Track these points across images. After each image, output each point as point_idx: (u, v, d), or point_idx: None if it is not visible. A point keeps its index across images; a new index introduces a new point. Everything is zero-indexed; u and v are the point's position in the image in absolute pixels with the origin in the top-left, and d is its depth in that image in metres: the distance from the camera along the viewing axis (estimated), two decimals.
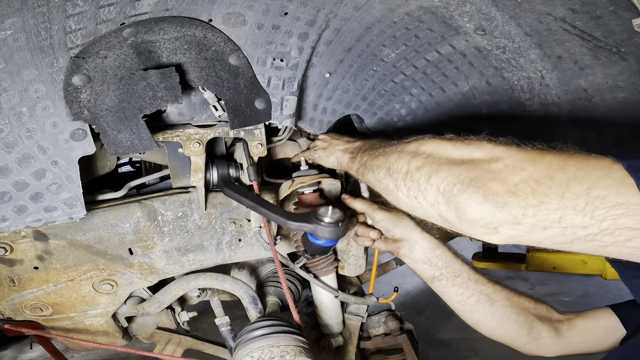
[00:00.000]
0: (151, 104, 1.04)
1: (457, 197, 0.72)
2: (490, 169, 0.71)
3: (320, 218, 1.12)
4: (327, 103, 1.39)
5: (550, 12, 1.05)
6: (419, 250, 1.24)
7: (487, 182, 0.69)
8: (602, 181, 0.62)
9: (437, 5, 1.13)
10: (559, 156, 0.68)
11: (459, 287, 1.20)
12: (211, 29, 1.08)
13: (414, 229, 1.26)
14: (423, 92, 1.46)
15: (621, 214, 0.60)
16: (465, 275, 1.20)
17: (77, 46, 0.96)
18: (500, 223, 0.68)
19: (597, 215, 0.61)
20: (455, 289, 1.20)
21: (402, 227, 1.26)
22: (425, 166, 0.80)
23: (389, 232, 1.30)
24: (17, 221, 1.05)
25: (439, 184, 0.76)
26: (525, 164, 0.69)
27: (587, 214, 0.62)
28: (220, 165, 1.32)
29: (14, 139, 0.98)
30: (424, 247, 1.23)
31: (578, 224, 0.63)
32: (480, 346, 3.04)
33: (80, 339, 1.32)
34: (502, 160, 0.71)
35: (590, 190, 0.62)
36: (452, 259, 1.22)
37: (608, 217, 0.61)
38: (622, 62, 1.10)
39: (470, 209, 0.70)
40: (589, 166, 0.65)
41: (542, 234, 0.67)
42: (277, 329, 1.19)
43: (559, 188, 0.64)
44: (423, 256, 1.23)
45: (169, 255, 1.30)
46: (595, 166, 0.64)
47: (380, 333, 1.65)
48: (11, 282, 1.19)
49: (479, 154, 0.75)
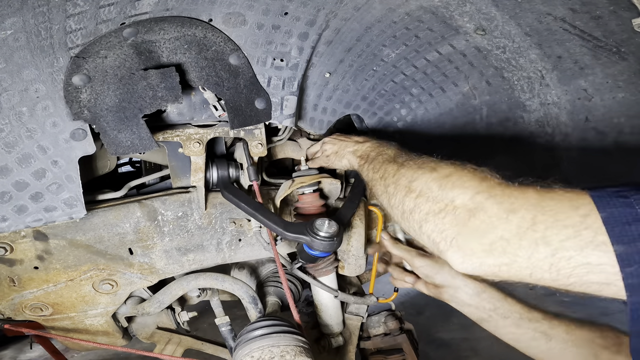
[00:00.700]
0: (151, 104, 1.04)
1: (444, 254, 0.82)
2: (469, 225, 0.78)
3: (316, 231, 1.13)
4: (327, 103, 1.39)
5: (550, 12, 1.05)
6: (463, 296, 1.24)
7: (466, 241, 0.78)
8: (570, 242, 0.66)
9: (437, 5, 1.13)
10: (532, 209, 0.73)
11: (510, 327, 1.18)
12: (211, 28, 1.08)
13: (456, 275, 1.25)
14: (423, 92, 1.46)
15: (586, 272, 0.65)
16: (517, 315, 1.18)
17: (77, 46, 0.96)
18: (482, 273, 0.79)
19: (563, 273, 0.67)
20: (507, 329, 1.19)
21: (444, 274, 1.26)
22: (415, 212, 0.89)
23: (429, 278, 1.30)
24: (17, 221, 1.05)
25: (429, 234, 0.85)
26: (499, 222, 0.75)
27: (553, 272, 0.68)
28: (220, 165, 1.32)
29: (14, 139, 0.98)
30: (468, 293, 1.23)
31: (547, 278, 0.71)
32: (480, 346, 3.04)
33: (80, 339, 1.32)
34: (480, 214, 0.77)
35: (556, 251, 0.68)
36: (500, 300, 1.21)
37: (574, 274, 0.66)
38: (622, 62, 1.10)
39: (455, 264, 0.81)
40: (559, 221, 0.68)
41: (518, 279, 0.76)
42: (277, 329, 1.19)
43: (528, 250, 0.71)
44: (469, 301, 1.23)
45: (169, 255, 1.30)
46: (567, 220, 0.68)
47: (380, 333, 1.65)
48: (11, 282, 1.19)
49: (461, 200, 0.81)
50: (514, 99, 1.35)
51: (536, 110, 1.34)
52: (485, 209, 0.76)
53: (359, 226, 1.46)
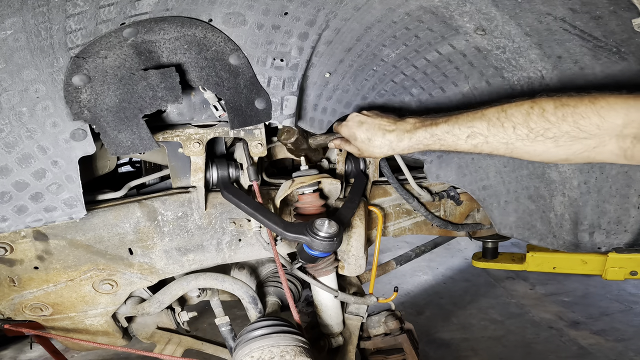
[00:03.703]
0: (151, 104, 1.05)
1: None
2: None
3: (316, 231, 1.13)
4: (327, 103, 1.39)
5: (550, 12, 1.05)
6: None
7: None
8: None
9: (437, 5, 1.13)
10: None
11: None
12: (211, 28, 1.08)
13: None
14: (423, 92, 1.46)
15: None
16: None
17: (77, 46, 0.96)
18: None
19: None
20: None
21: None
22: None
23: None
24: (17, 221, 1.05)
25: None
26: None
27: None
28: (220, 165, 1.32)
29: (14, 139, 0.98)
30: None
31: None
32: (480, 346, 3.04)
33: (80, 339, 1.32)
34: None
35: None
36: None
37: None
38: (622, 62, 1.10)
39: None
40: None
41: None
42: (277, 329, 1.19)
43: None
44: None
45: (169, 255, 1.30)
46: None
47: (380, 333, 1.65)
48: (11, 282, 1.19)
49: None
50: (514, 99, 1.35)
51: None
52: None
53: (359, 226, 1.46)
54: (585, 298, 3.70)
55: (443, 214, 1.83)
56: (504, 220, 1.61)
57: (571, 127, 0.88)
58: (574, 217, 1.42)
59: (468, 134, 1.02)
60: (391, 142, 1.16)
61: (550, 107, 0.90)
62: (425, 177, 1.68)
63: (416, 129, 1.12)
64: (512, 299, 3.75)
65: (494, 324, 3.36)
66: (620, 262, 2.60)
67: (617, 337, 3.11)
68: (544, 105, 0.91)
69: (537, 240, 1.55)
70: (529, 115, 0.93)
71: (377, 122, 1.20)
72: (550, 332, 3.24)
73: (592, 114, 0.85)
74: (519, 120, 0.94)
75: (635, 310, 3.44)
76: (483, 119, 1.00)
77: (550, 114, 0.90)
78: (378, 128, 1.18)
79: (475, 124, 1.01)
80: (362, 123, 1.22)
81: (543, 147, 0.93)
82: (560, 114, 0.89)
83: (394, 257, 2.07)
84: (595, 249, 1.45)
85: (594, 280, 3.82)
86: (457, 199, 1.78)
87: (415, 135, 1.12)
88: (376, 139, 1.18)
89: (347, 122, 1.26)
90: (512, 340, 3.11)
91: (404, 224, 1.77)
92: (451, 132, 1.05)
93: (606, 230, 1.42)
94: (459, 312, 3.58)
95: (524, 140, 0.95)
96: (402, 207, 1.75)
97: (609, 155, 0.89)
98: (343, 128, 1.28)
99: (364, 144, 1.22)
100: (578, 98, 0.88)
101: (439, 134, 1.08)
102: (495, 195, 1.59)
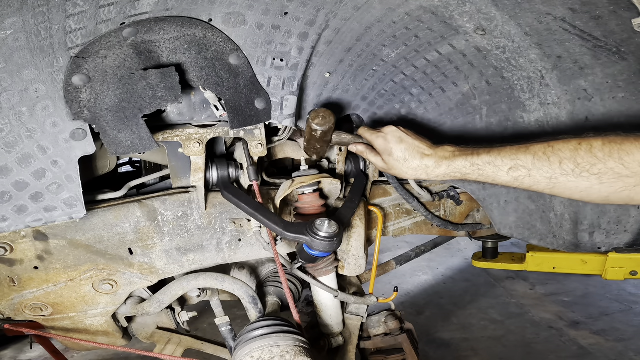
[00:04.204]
0: (151, 104, 1.05)
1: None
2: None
3: (316, 231, 1.13)
4: None
5: (550, 12, 1.05)
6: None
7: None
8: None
9: (437, 5, 1.13)
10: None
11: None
12: (211, 28, 1.08)
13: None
14: (423, 92, 1.46)
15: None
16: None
17: (77, 46, 0.96)
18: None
19: None
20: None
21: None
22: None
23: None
24: (17, 221, 1.05)
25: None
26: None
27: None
28: (220, 165, 1.32)
29: (14, 139, 0.98)
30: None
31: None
32: (480, 346, 3.04)
33: (80, 339, 1.32)
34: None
35: None
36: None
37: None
38: (622, 62, 1.10)
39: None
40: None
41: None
42: (277, 329, 1.19)
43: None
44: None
45: (169, 255, 1.30)
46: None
47: (380, 333, 1.65)
48: (11, 282, 1.19)
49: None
50: (514, 99, 1.35)
51: (536, 110, 1.34)
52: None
53: (359, 226, 1.46)
54: (585, 298, 3.70)
55: (443, 214, 1.83)
56: (504, 220, 1.61)
57: (616, 164, 0.89)
58: (574, 217, 1.42)
59: (511, 166, 1.02)
60: (427, 167, 1.15)
61: (598, 143, 0.92)
62: None
63: (455, 157, 1.11)
64: (512, 299, 3.76)
65: (494, 324, 3.36)
66: (620, 262, 2.60)
67: (617, 337, 3.11)
68: (592, 142, 0.93)
69: (537, 240, 1.55)
70: (577, 151, 0.94)
71: (417, 143, 1.18)
72: (550, 332, 3.25)
73: (636, 151, 0.87)
74: (566, 155, 0.95)
75: (635, 310, 3.44)
76: (528, 152, 1.00)
77: (598, 150, 0.91)
78: (417, 150, 1.16)
79: (520, 156, 1.01)
80: (402, 141, 1.18)
81: (587, 183, 0.94)
82: (608, 150, 0.90)
83: (394, 257, 2.07)
84: (595, 249, 1.45)
85: (594, 280, 3.82)
86: (457, 199, 1.78)
87: (454, 163, 1.11)
88: (414, 161, 1.16)
89: (385, 134, 1.21)
90: (512, 340, 3.11)
91: (404, 224, 1.77)
92: (493, 163, 1.05)
93: (606, 230, 1.42)
94: (459, 312, 3.58)
95: (568, 175, 0.95)
96: (402, 207, 1.75)
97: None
98: (379, 139, 1.22)
99: (398, 163, 1.18)
100: (624, 136, 0.90)
101: (480, 164, 1.07)
102: (495, 195, 1.59)
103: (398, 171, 1.20)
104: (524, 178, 1.01)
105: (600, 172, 0.91)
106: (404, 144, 1.18)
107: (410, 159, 1.17)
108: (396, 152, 1.18)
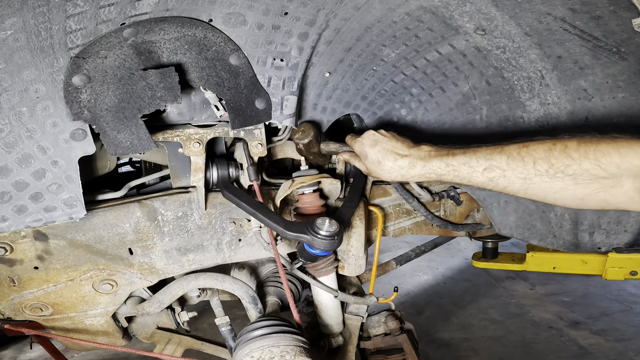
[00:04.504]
0: (150, 104, 1.04)
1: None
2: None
3: (317, 230, 1.13)
4: (327, 102, 1.39)
5: (550, 12, 1.05)
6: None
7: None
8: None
9: (437, 5, 1.13)
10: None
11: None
12: (211, 29, 1.08)
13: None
14: (423, 92, 1.46)
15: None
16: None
17: (77, 46, 0.96)
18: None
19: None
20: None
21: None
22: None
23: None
24: (17, 221, 1.05)
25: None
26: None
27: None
28: (220, 165, 1.32)
29: (14, 139, 0.98)
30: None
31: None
32: (480, 346, 3.04)
33: (80, 339, 1.32)
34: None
35: None
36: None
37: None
38: (622, 62, 1.10)
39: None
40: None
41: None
42: (277, 329, 1.19)
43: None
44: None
45: (169, 255, 1.30)
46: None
47: (380, 333, 1.65)
48: (11, 282, 1.19)
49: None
50: (514, 99, 1.35)
51: (536, 110, 1.34)
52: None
53: (359, 226, 1.46)
54: (585, 298, 3.70)
55: (443, 214, 1.83)
56: (504, 220, 1.61)
57: (592, 165, 0.88)
58: (574, 217, 1.42)
59: (485, 167, 1.02)
60: (402, 168, 1.14)
61: (573, 144, 0.90)
62: None
63: (431, 158, 1.10)
64: (512, 299, 3.76)
65: (494, 324, 3.36)
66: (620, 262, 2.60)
67: (617, 337, 3.11)
68: (567, 142, 0.91)
69: (537, 240, 1.55)
70: (551, 152, 0.93)
71: (391, 144, 1.17)
72: (550, 332, 3.25)
73: (613, 151, 0.85)
74: (540, 155, 0.94)
75: (635, 310, 3.44)
76: (503, 153, 1.00)
77: (572, 151, 0.90)
78: (391, 152, 1.16)
79: (495, 157, 1.00)
80: (377, 143, 1.19)
81: (561, 184, 0.93)
82: (583, 150, 0.89)
83: (394, 257, 2.07)
84: (595, 249, 1.45)
85: (594, 280, 3.82)
86: (457, 199, 1.78)
87: (429, 164, 1.10)
88: (387, 162, 1.16)
89: (363, 138, 1.23)
90: (512, 340, 3.12)
91: (404, 224, 1.77)
92: (468, 163, 1.04)
93: (606, 230, 1.42)
94: (459, 312, 3.58)
95: (542, 176, 0.94)
96: (402, 207, 1.75)
97: (624, 198, 0.89)
98: (357, 144, 1.24)
99: (374, 165, 1.19)
100: (599, 137, 0.89)
101: (455, 165, 1.06)
102: (495, 195, 1.59)
103: (376, 174, 1.21)
104: (499, 179, 1.00)
105: (575, 173, 0.90)
106: (378, 146, 1.18)
107: (384, 161, 1.16)
108: (370, 155, 1.19)
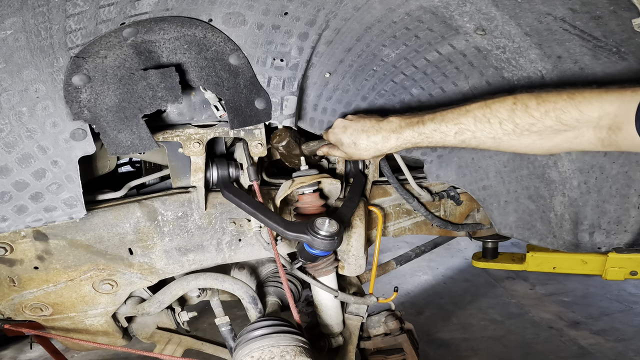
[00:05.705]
0: (151, 104, 1.05)
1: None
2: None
3: (317, 230, 1.14)
4: (327, 103, 1.39)
5: (550, 12, 1.05)
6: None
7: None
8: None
9: (437, 5, 1.13)
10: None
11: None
12: (211, 28, 1.08)
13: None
14: (423, 92, 1.46)
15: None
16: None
17: (77, 46, 0.96)
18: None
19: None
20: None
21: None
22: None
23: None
24: (17, 221, 1.05)
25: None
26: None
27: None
28: (220, 165, 1.32)
29: (14, 139, 0.98)
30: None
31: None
32: (480, 346, 3.04)
33: (80, 339, 1.32)
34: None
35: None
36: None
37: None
38: (622, 62, 1.10)
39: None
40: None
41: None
42: (277, 329, 1.19)
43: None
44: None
45: (169, 255, 1.30)
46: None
47: (380, 333, 1.65)
48: (11, 282, 1.19)
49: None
50: None
51: None
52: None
53: (359, 226, 1.46)
54: (585, 298, 3.70)
55: (443, 214, 1.83)
56: (504, 220, 1.61)
57: (554, 122, 0.94)
58: (574, 217, 1.42)
59: (456, 131, 1.07)
60: (376, 143, 1.19)
61: (532, 103, 0.96)
62: (425, 177, 1.68)
63: (402, 129, 1.15)
64: (512, 299, 3.76)
65: (494, 324, 3.36)
66: (620, 262, 2.60)
67: (617, 337, 3.11)
68: (526, 101, 0.97)
69: (537, 240, 1.55)
70: (514, 112, 0.98)
71: (360, 125, 1.22)
72: (550, 332, 3.25)
73: (571, 108, 0.91)
74: (504, 116, 0.99)
75: (635, 310, 3.44)
76: (469, 115, 1.05)
77: (533, 110, 0.96)
78: (362, 131, 1.21)
79: (462, 120, 1.05)
80: (347, 128, 1.24)
81: (529, 140, 1.00)
82: (543, 109, 0.94)
83: (394, 257, 2.07)
84: (595, 249, 1.45)
85: (594, 280, 3.82)
86: (457, 199, 1.78)
87: (402, 135, 1.15)
88: (361, 142, 1.21)
89: (333, 128, 1.29)
90: (512, 340, 3.11)
91: (404, 224, 1.77)
92: (439, 129, 1.09)
93: (606, 230, 1.42)
94: (459, 312, 3.58)
95: (510, 135, 1.01)
96: (402, 207, 1.75)
97: (587, 145, 0.95)
98: (330, 135, 1.30)
99: (350, 148, 1.24)
100: (556, 93, 0.94)
101: (427, 132, 1.11)
102: (495, 195, 1.59)
103: (355, 156, 1.26)
104: (470, 140, 1.06)
105: (540, 130, 0.97)
106: (349, 130, 1.23)
107: (358, 141, 1.21)
108: (344, 139, 1.24)
